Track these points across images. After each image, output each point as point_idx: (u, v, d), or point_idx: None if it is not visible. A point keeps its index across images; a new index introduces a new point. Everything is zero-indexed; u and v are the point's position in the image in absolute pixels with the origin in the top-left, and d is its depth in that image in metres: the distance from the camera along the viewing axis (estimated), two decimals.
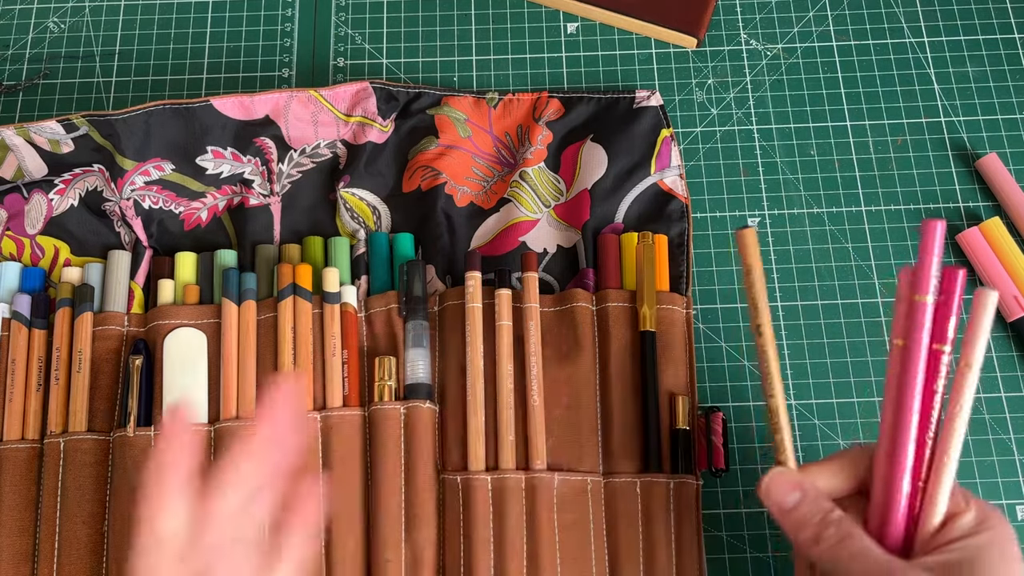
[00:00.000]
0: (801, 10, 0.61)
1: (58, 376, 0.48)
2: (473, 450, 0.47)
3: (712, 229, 0.55)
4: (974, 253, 0.53)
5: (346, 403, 0.49)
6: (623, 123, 0.56)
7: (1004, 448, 0.50)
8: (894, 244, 0.54)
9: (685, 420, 0.48)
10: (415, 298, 0.50)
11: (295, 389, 0.38)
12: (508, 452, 0.47)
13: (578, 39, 0.61)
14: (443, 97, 0.57)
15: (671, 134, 0.56)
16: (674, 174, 0.55)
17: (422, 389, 0.49)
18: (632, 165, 0.55)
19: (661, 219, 0.54)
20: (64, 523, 0.46)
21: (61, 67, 0.61)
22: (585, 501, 0.47)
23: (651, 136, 0.56)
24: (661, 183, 0.55)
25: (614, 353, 0.49)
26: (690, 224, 0.54)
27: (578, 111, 0.57)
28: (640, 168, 0.55)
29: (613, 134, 0.56)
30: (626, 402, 0.49)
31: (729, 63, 0.60)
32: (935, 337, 0.38)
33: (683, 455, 0.48)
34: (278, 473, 0.37)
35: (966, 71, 0.59)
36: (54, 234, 0.53)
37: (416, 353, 0.49)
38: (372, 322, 0.51)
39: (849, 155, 0.57)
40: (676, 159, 0.56)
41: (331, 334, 0.49)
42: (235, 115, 0.55)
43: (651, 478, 0.47)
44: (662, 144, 0.55)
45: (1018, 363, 0.52)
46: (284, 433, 0.37)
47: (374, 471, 0.47)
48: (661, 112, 0.56)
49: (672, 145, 0.56)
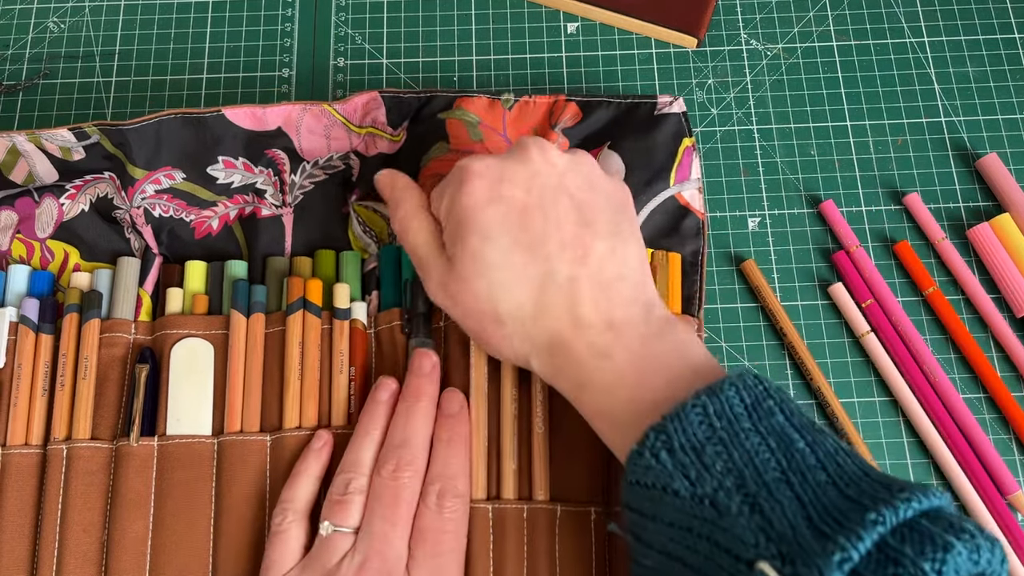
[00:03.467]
0: (801, 10, 0.61)
1: (63, 382, 0.48)
2: (474, 477, 0.46)
3: (713, 229, 0.55)
4: (985, 248, 0.53)
5: (351, 422, 0.48)
6: (642, 131, 0.54)
7: (1005, 448, 0.50)
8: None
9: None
10: (418, 315, 0.49)
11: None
12: (510, 481, 0.46)
13: (578, 39, 0.61)
14: (456, 99, 0.54)
15: (693, 144, 0.54)
16: (693, 187, 0.53)
17: None
18: (651, 176, 0.52)
19: (676, 235, 0.52)
20: (64, 530, 0.46)
21: (61, 67, 0.61)
22: (588, 532, 0.45)
23: (672, 145, 0.53)
24: (679, 196, 0.53)
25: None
26: (705, 241, 0.52)
27: (596, 117, 0.55)
28: (659, 179, 0.52)
29: (631, 142, 0.53)
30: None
31: (729, 63, 0.60)
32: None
33: None
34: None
35: (966, 71, 0.59)
36: (64, 238, 0.53)
37: None
38: (380, 339, 0.50)
39: (849, 155, 0.57)
40: (696, 171, 0.53)
41: (339, 350, 0.49)
42: (247, 125, 0.54)
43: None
44: (683, 154, 0.53)
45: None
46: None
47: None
48: (683, 120, 0.54)
49: (694, 156, 0.53)
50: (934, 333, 0.53)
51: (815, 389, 0.51)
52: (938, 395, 0.50)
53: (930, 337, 0.52)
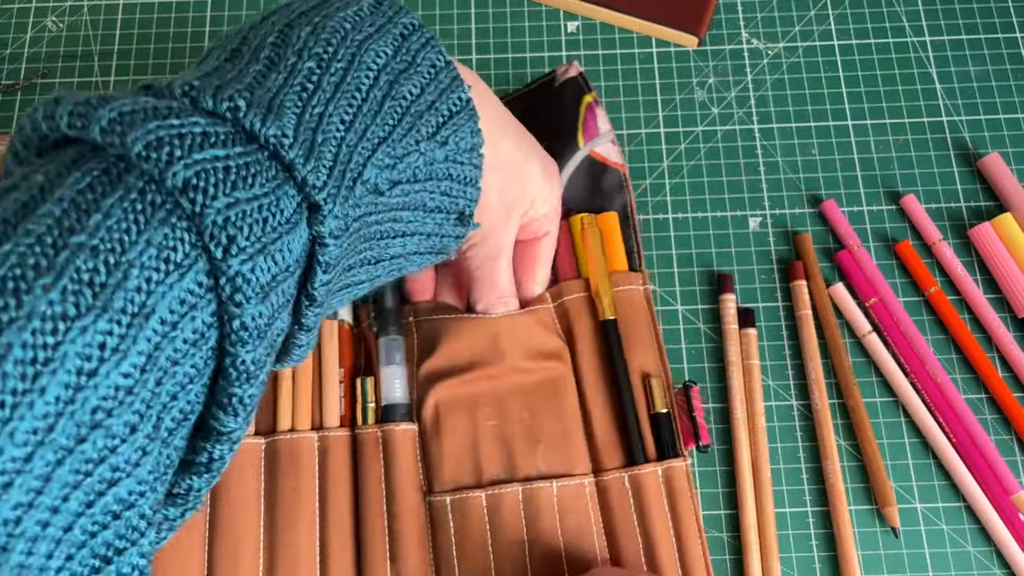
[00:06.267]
0: (802, 9, 0.61)
1: None
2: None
3: (713, 229, 0.55)
4: (986, 248, 0.53)
5: (342, 423, 0.48)
6: (548, 105, 0.54)
7: (1007, 449, 0.50)
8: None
9: (663, 402, 0.48)
10: (385, 311, 0.49)
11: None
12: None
13: (578, 38, 0.60)
14: None
15: (594, 98, 0.53)
16: (605, 141, 0.52)
17: (399, 410, 0.47)
18: (560, 143, 0.52)
19: (600, 193, 0.52)
20: None
21: (60, 66, 0.61)
22: (584, 504, 0.46)
23: (574, 107, 0.53)
24: (594, 153, 0.52)
25: (581, 347, 0.49)
26: (630, 194, 0.52)
27: (513, 109, 0.53)
28: (567, 143, 0.52)
29: (541, 119, 0.53)
30: (602, 395, 0.48)
31: (730, 62, 0.59)
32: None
33: (667, 438, 0.47)
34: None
35: (968, 70, 0.59)
36: None
37: (390, 371, 0.48)
38: (361, 338, 0.50)
39: (851, 154, 0.57)
40: (605, 124, 0.53)
41: (330, 351, 0.49)
42: None
43: (638, 470, 0.46)
44: (586, 111, 0.53)
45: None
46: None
47: (361, 497, 0.46)
48: (581, 80, 0.53)
49: (598, 110, 0.53)
50: (935, 333, 0.52)
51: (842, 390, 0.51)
52: (942, 395, 0.50)
53: (931, 337, 0.52)
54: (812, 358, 0.51)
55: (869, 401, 0.51)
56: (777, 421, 0.51)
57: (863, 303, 0.53)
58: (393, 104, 0.35)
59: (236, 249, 0.28)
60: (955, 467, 0.49)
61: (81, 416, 0.25)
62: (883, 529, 0.48)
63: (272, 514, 0.46)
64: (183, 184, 0.28)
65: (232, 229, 0.28)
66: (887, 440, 0.50)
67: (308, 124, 0.31)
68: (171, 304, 0.27)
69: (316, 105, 0.32)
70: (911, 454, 0.50)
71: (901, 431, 0.50)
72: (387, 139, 0.34)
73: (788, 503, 0.49)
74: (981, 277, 0.53)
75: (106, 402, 0.26)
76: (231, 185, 0.28)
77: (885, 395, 0.51)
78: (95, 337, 0.25)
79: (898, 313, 0.52)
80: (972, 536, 0.48)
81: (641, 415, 0.48)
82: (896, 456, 0.50)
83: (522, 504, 0.46)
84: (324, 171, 0.31)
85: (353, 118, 0.33)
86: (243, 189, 0.29)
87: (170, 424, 0.30)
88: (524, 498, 0.46)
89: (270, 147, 0.30)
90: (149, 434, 0.28)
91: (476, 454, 0.47)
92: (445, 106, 0.37)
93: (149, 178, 0.28)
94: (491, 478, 0.46)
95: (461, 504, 0.45)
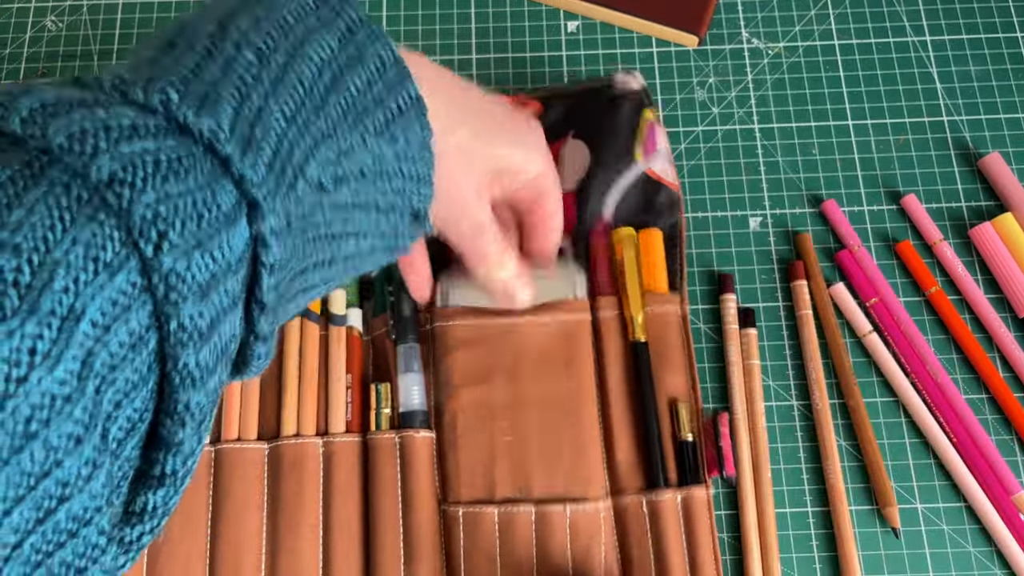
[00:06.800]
0: (803, 8, 0.61)
1: None
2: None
3: (713, 229, 0.55)
4: (987, 248, 0.53)
5: (348, 429, 0.48)
6: (604, 113, 0.52)
7: (1007, 449, 0.50)
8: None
9: (688, 428, 0.47)
10: (403, 319, 0.49)
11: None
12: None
13: (579, 38, 0.60)
14: None
15: (656, 116, 0.53)
16: (663, 160, 0.52)
17: (416, 416, 0.47)
18: (616, 157, 0.52)
19: (652, 210, 0.51)
20: None
21: (59, 66, 0.61)
22: (598, 528, 0.45)
23: (634, 121, 0.52)
24: (650, 171, 0.52)
25: (610, 366, 0.48)
26: (682, 214, 0.52)
27: (556, 108, 0.54)
28: (624, 158, 0.52)
29: (594, 126, 0.52)
30: (627, 417, 0.48)
31: (731, 62, 0.59)
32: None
33: (691, 464, 0.47)
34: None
35: (968, 70, 0.58)
36: None
37: (409, 379, 0.48)
38: (374, 345, 0.50)
39: (851, 154, 0.56)
40: (663, 143, 0.52)
41: (336, 357, 0.49)
42: None
43: (656, 495, 0.46)
44: (647, 128, 0.52)
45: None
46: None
47: (372, 503, 0.46)
48: (644, 94, 0.53)
49: (658, 128, 0.52)
50: (936, 333, 0.52)
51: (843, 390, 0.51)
52: (943, 395, 0.50)
53: (932, 337, 0.52)
54: (812, 358, 0.51)
55: (870, 401, 0.51)
56: (777, 421, 0.51)
57: (864, 303, 0.53)
58: (337, 98, 0.33)
59: (168, 246, 0.26)
60: (956, 467, 0.49)
61: (13, 426, 0.24)
62: (884, 529, 0.48)
63: (275, 519, 0.46)
64: (109, 177, 0.26)
65: (163, 224, 0.26)
66: (888, 440, 0.50)
67: (246, 117, 0.30)
68: (102, 306, 0.26)
69: (255, 98, 0.30)
70: (912, 454, 0.50)
71: (902, 431, 0.50)
72: (331, 135, 0.33)
73: (788, 503, 0.49)
74: (982, 277, 0.53)
75: (40, 411, 0.24)
76: (161, 179, 0.27)
77: (886, 395, 0.51)
78: (24, 342, 0.24)
79: (899, 313, 0.52)
80: (973, 536, 0.48)
81: (666, 441, 0.47)
82: (897, 456, 0.50)
83: (534, 524, 0.45)
84: (263, 166, 0.29)
85: (295, 112, 0.31)
86: (175, 183, 0.27)
87: (118, 434, 0.28)
88: (536, 518, 0.45)
89: (205, 141, 0.29)
90: (97, 446, 0.26)
91: (491, 471, 0.46)
92: (394, 102, 0.35)
93: (73, 172, 0.26)
94: (504, 496, 0.46)
95: (473, 517, 0.45)
